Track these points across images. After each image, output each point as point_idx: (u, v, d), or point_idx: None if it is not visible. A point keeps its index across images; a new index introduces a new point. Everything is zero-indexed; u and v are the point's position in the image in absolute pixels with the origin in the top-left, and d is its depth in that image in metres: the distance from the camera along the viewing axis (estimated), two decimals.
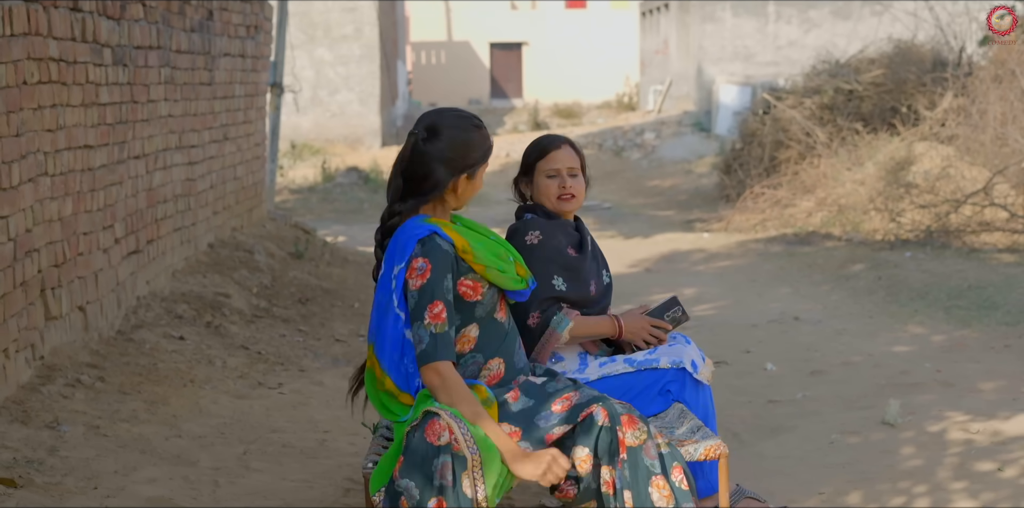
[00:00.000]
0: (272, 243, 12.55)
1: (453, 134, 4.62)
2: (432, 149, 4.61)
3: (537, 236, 5.45)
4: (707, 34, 33.01)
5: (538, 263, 5.34)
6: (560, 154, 5.58)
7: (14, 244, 6.69)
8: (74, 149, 7.68)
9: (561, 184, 5.55)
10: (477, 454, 4.29)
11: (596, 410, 4.46)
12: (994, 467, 6.32)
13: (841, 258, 13.66)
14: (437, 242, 4.53)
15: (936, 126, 16.72)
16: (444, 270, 4.51)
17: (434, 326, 4.47)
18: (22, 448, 6.09)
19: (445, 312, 4.49)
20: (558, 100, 51.55)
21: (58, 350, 7.40)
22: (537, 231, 5.46)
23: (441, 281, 4.50)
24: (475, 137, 4.67)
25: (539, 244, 5.43)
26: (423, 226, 4.57)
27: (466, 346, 4.65)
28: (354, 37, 33.11)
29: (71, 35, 7.60)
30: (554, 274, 5.41)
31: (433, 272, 4.50)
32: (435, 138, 4.62)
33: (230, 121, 11.90)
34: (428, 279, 4.49)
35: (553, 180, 5.57)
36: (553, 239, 5.47)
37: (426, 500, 4.23)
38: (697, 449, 4.82)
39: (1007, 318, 10.09)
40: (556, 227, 5.53)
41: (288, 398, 7.90)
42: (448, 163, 4.60)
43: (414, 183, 4.65)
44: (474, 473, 4.28)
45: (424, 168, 4.62)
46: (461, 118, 4.70)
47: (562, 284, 5.42)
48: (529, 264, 5.17)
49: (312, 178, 25.24)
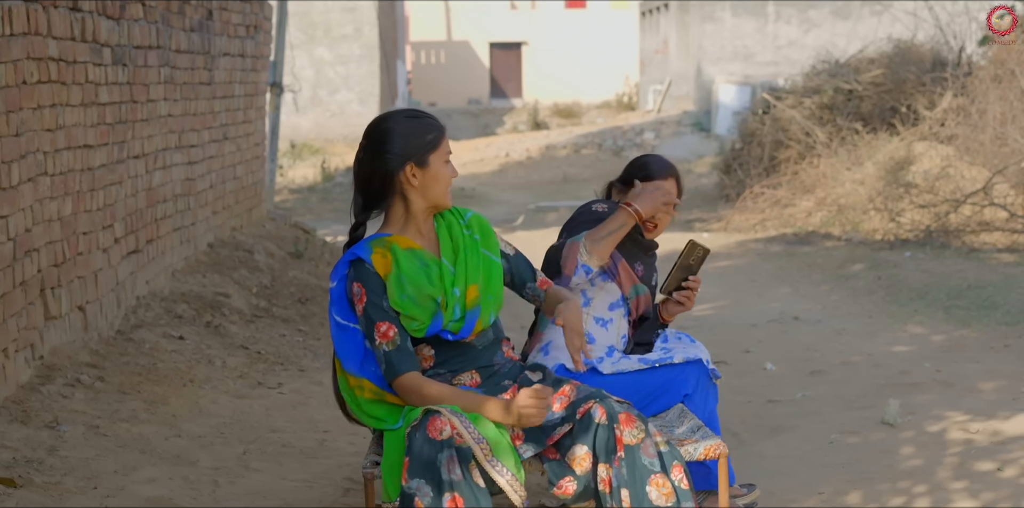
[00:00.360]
0: (272, 243, 12.55)
1: (383, 130, 4.63)
2: (371, 150, 4.64)
3: (604, 207, 5.59)
4: (707, 34, 33.02)
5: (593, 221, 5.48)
6: (664, 185, 5.66)
7: (14, 244, 6.68)
8: (74, 149, 7.68)
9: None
10: (484, 442, 4.30)
11: (594, 407, 4.46)
12: (994, 467, 6.32)
13: (841, 258, 13.67)
14: (364, 266, 4.57)
15: (936, 126, 16.72)
16: (379, 291, 4.55)
17: (385, 345, 4.53)
18: (22, 448, 6.09)
19: (392, 329, 4.53)
20: (558, 100, 51.60)
21: (58, 350, 7.40)
22: (606, 206, 5.61)
23: (379, 302, 4.54)
24: (411, 125, 4.64)
25: (603, 212, 5.56)
26: (358, 249, 4.62)
27: (425, 363, 4.68)
28: (354, 37, 33.13)
29: (71, 35, 7.60)
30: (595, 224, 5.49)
31: (368, 295, 4.55)
32: (371, 140, 4.64)
33: (230, 121, 11.89)
34: (366, 303, 4.55)
35: None
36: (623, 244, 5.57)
37: (439, 498, 4.22)
38: (697, 449, 4.82)
39: (1007, 318, 10.09)
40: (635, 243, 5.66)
41: (288, 398, 7.90)
42: (389, 159, 4.60)
43: (367, 190, 4.67)
44: (491, 460, 4.30)
45: (368, 171, 4.64)
46: (394, 113, 4.71)
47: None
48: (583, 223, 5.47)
49: (312, 178, 25.26)
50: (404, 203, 4.67)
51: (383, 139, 4.61)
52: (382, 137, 4.61)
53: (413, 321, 4.57)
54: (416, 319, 4.57)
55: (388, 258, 4.57)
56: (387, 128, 4.62)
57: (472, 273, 4.71)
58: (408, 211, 4.68)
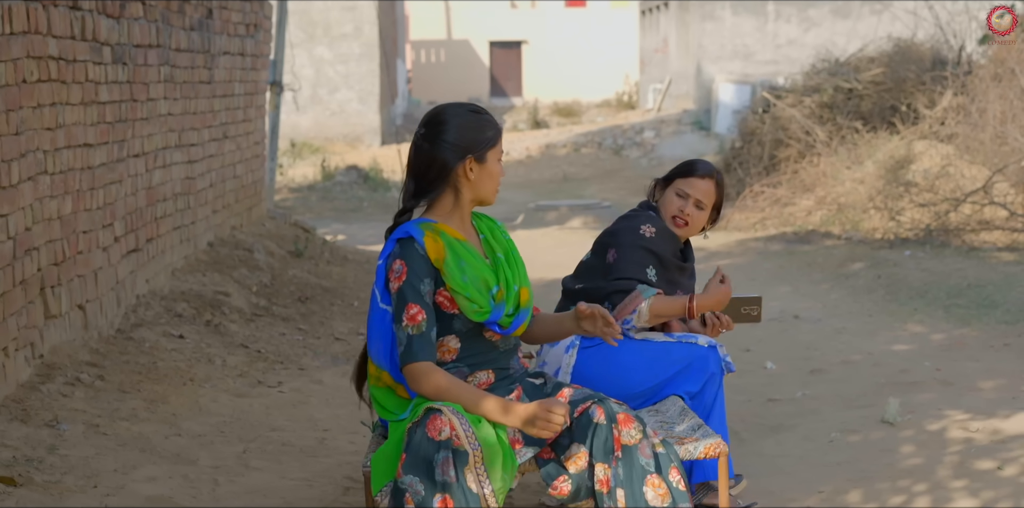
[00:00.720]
0: (272, 242, 12.55)
1: (448, 120, 4.61)
2: (432, 139, 4.60)
3: (652, 231, 5.71)
4: (707, 33, 33.02)
5: (642, 251, 5.63)
6: (700, 183, 5.83)
7: (14, 243, 6.69)
8: (73, 148, 7.68)
9: (682, 208, 5.81)
10: (479, 450, 4.29)
11: (592, 407, 4.47)
12: (994, 465, 6.32)
13: (840, 257, 13.66)
14: (414, 246, 4.54)
15: (936, 125, 16.72)
16: (420, 274, 4.51)
17: (411, 328, 4.49)
18: (22, 447, 6.09)
19: (421, 314, 4.49)
20: (558, 99, 51.60)
21: (58, 349, 7.40)
22: (655, 228, 5.73)
23: (417, 284, 4.50)
24: (473, 120, 4.64)
25: (650, 238, 5.69)
26: (409, 227, 4.59)
27: (447, 356, 4.65)
28: (354, 35, 33.13)
29: (70, 34, 7.60)
30: (651, 265, 5.65)
31: (408, 275, 4.51)
32: (433, 129, 4.62)
33: (230, 119, 11.89)
34: (403, 281, 4.51)
35: (679, 200, 5.83)
36: (663, 242, 5.73)
37: (431, 497, 4.23)
38: (697, 447, 4.83)
39: (1006, 317, 10.09)
40: (670, 237, 5.79)
41: (288, 397, 7.90)
42: (450, 149, 4.58)
43: (422, 178, 4.64)
44: (477, 469, 4.29)
45: (428, 159, 4.61)
46: (457, 106, 4.70)
47: (654, 276, 5.63)
48: (632, 249, 5.58)
49: (312, 176, 25.26)
50: (455, 194, 4.66)
51: (445, 130, 4.60)
52: (443, 128, 4.61)
53: (473, 303, 4.56)
54: (476, 302, 4.56)
55: (440, 243, 4.55)
56: (448, 120, 4.62)
57: (523, 277, 4.76)
58: (457, 203, 4.68)
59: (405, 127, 37.41)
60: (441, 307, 4.58)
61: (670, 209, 5.81)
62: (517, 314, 4.70)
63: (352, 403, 7.84)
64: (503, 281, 4.67)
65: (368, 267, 13.10)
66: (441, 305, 4.58)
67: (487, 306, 4.58)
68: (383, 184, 24.12)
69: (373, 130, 33.42)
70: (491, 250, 4.75)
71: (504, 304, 4.64)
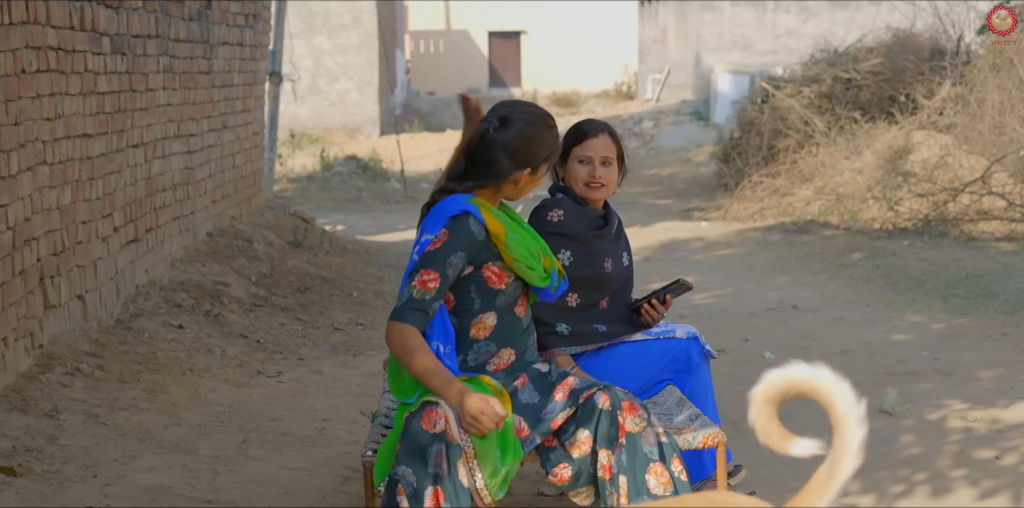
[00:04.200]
0: (271, 232, 12.55)
1: (524, 128, 4.62)
2: (500, 138, 4.61)
3: (559, 215, 5.51)
4: (705, 23, 32.97)
5: (552, 237, 5.37)
6: (595, 142, 5.58)
7: (13, 233, 6.69)
8: (73, 138, 7.68)
9: (591, 172, 5.56)
10: (471, 445, 4.30)
11: (597, 394, 4.48)
12: (993, 455, 6.33)
13: (839, 247, 13.66)
14: (468, 221, 4.54)
15: (934, 115, 16.70)
16: (458, 247, 4.50)
17: (416, 291, 4.46)
18: (21, 436, 6.10)
19: (435, 282, 4.46)
20: (557, 89, 51.50)
21: (57, 339, 7.41)
22: (562, 211, 5.52)
23: (448, 254, 4.49)
24: (545, 135, 4.67)
25: (559, 222, 5.49)
26: (461, 203, 4.58)
27: (481, 333, 4.64)
28: (352, 26, 33.08)
29: (69, 24, 7.60)
30: (563, 247, 5.45)
31: (446, 244, 4.50)
32: (506, 128, 4.62)
33: (229, 110, 11.89)
34: (438, 248, 4.49)
35: (584, 167, 5.58)
36: (574, 220, 5.52)
37: (423, 488, 4.26)
38: (696, 437, 4.84)
39: (1005, 306, 10.10)
40: (581, 213, 5.57)
41: (287, 387, 7.91)
42: (513, 155, 4.61)
43: (476, 167, 4.66)
44: (470, 462, 4.30)
45: (489, 155, 4.62)
46: (535, 115, 4.70)
47: (568, 258, 5.45)
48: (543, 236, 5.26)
49: (311, 167, 25.22)
50: (495, 190, 4.71)
51: (518, 136, 4.63)
52: (518, 134, 4.63)
53: (534, 271, 4.62)
54: (536, 269, 4.63)
55: (493, 216, 4.59)
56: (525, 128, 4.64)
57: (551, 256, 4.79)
58: (494, 197, 4.73)
59: (404, 117, 37.36)
60: (488, 282, 4.59)
61: (579, 178, 5.57)
62: (563, 280, 4.80)
63: (351, 393, 7.86)
64: (545, 251, 4.75)
65: (368, 257, 13.10)
66: (488, 280, 4.59)
67: (543, 271, 4.66)
68: (382, 174, 24.08)
69: (372, 120, 33.38)
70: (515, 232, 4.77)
71: (555, 271, 4.74)
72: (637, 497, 4.40)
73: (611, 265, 5.60)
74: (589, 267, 5.51)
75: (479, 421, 4.27)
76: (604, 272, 5.56)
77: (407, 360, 4.43)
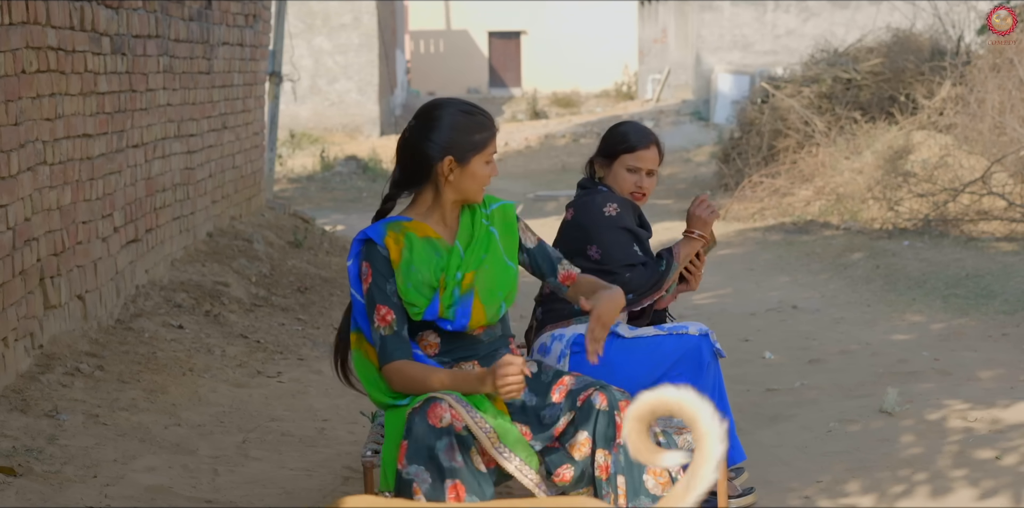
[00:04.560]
0: (271, 232, 12.55)
1: (440, 116, 4.59)
2: (417, 133, 4.60)
3: (615, 208, 5.70)
4: (705, 23, 32.97)
5: (617, 232, 5.67)
6: (647, 154, 5.84)
7: (13, 233, 6.69)
8: (73, 138, 7.68)
9: (638, 182, 5.82)
10: (492, 432, 4.31)
11: (594, 394, 4.48)
12: (993, 455, 6.33)
13: (839, 247, 13.66)
14: (376, 248, 4.56)
15: (934, 115, 16.70)
16: (385, 274, 4.54)
17: (382, 329, 4.53)
18: (21, 437, 6.10)
19: (390, 314, 4.52)
20: (557, 89, 51.50)
21: (57, 339, 7.41)
22: (615, 204, 5.72)
23: (383, 285, 4.54)
24: (463, 120, 4.60)
25: (617, 216, 5.70)
26: (371, 229, 4.62)
27: (428, 350, 4.65)
28: (353, 26, 33.09)
29: (70, 24, 7.60)
30: (633, 243, 5.70)
31: (374, 277, 4.56)
32: (423, 123, 4.61)
33: (229, 110, 11.89)
34: (370, 283, 4.56)
35: (632, 175, 5.82)
36: (628, 215, 5.73)
37: (440, 485, 4.22)
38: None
39: (1005, 306, 10.10)
40: (629, 208, 5.78)
41: (287, 387, 7.91)
42: (431, 147, 4.57)
43: (404, 169, 4.66)
44: (498, 448, 4.31)
45: (410, 152, 4.62)
46: (451, 104, 4.66)
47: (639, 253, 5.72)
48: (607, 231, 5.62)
49: (311, 167, 25.24)
50: (435, 191, 4.65)
51: (432, 126, 4.59)
52: (431, 124, 4.60)
53: (413, 307, 4.56)
54: (415, 305, 4.56)
55: (401, 244, 4.56)
56: (439, 116, 4.60)
57: (473, 261, 4.66)
58: (437, 200, 4.66)
59: (404, 118, 37.37)
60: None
61: (626, 186, 5.80)
62: (457, 303, 4.60)
63: (351, 393, 7.85)
64: (444, 269, 4.61)
65: None
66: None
67: (424, 306, 4.57)
68: (382, 174, 24.08)
69: (372, 120, 33.40)
70: (467, 239, 4.71)
71: (438, 296, 4.58)
72: (635, 497, 4.40)
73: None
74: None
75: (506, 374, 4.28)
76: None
77: (422, 390, 4.45)
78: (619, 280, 5.48)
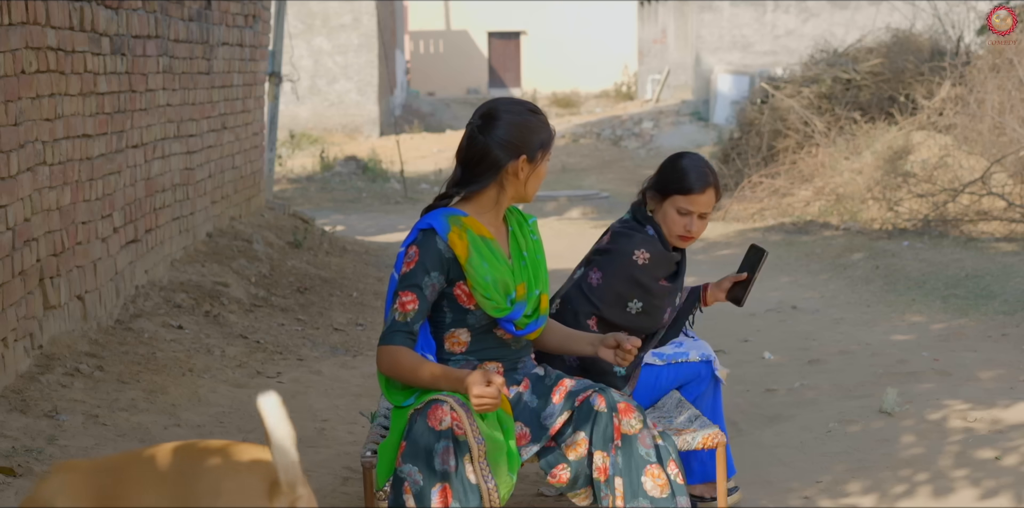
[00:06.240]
0: (271, 232, 12.55)
1: (508, 118, 4.58)
2: (488, 133, 4.58)
3: (646, 257, 5.43)
4: (705, 23, 32.99)
5: (629, 282, 5.39)
6: (701, 199, 5.49)
7: (13, 233, 6.69)
8: (72, 138, 7.68)
9: (688, 226, 5.50)
10: (483, 444, 4.30)
11: (593, 396, 4.48)
12: (994, 455, 6.32)
13: (839, 247, 13.67)
14: (435, 238, 4.53)
15: (934, 115, 16.70)
16: (430, 266, 4.52)
17: (398, 313, 4.51)
18: (21, 437, 6.10)
19: (413, 304, 4.50)
20: (556, 89, 51.53)
21: (57, 339, 7.40)
22: (649, 254, 5.44)
23: (422, 274, 4.51)
24: (531, 120, 4.62)
25: (642, 266, 5.43)
26: (433, 218, 4.57)
27: (456, 347, 4.66)
28: (352, 26, 33.10)
29: (69, 24, 7.59)
30: (636, 298, 5.43)
31: (418, 263, 4.52)
32: (490, 123, 4.59)
33: (228, 110, 11.89)
34: (411, 269, 4.52)
35: (683, 218, 5.50)
36: (656, 268, 5.46)
37: (430, 486, 4.24)
38: (695, 438, 4.83)
39: (1004, 307, 10.10)
40: (664, 259, 5.50)
41: (286, 387, 7.90)
42: (505, 146, 4.56)
43: (472, 169, 4.62)
44: (480, 463, 4.29)
45: (480, 151, 4.59)
46: (515, 103, 4.67)
47: (638, 309, 5.44)
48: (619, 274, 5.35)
49: (310, 167, 25.25)
50: (498, 190, 4.65)
51: (501, 126, 4.58)
52: (500, 123, 4.58)
53: (491, 301, 4.56)
54: (494, 300, 4.56)
55: (465, 241, 4.55)
56: (506, 117, 4.59)
57: (545, 282, 4.75)
58: (498, 199, 4.67)
59: (404, 118, 37.39)
60: (458, 300, 4.59)
61: (674, 229, 5.50)
62: (536, 318, 4.69)
63: (351, 394, 7.86)
64: (525, 281, 4.66)
65: (367, 258, 13.10)
66: (458, 298, 4.59)
67: (504, 304, 4.58)
68: (382, 175, 24.11)
69: (372, 121, 33.41)
70: (517, 248, 4.73)
71: (524, 304, 4.64)
72: (633, 499, 4.40)
73: (668, 314, 5.62)
74: (651, 319, 5.52)
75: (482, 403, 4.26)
76: (660, 322, 5.58)
77: (408, 378, 4.46)
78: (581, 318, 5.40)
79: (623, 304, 5.43)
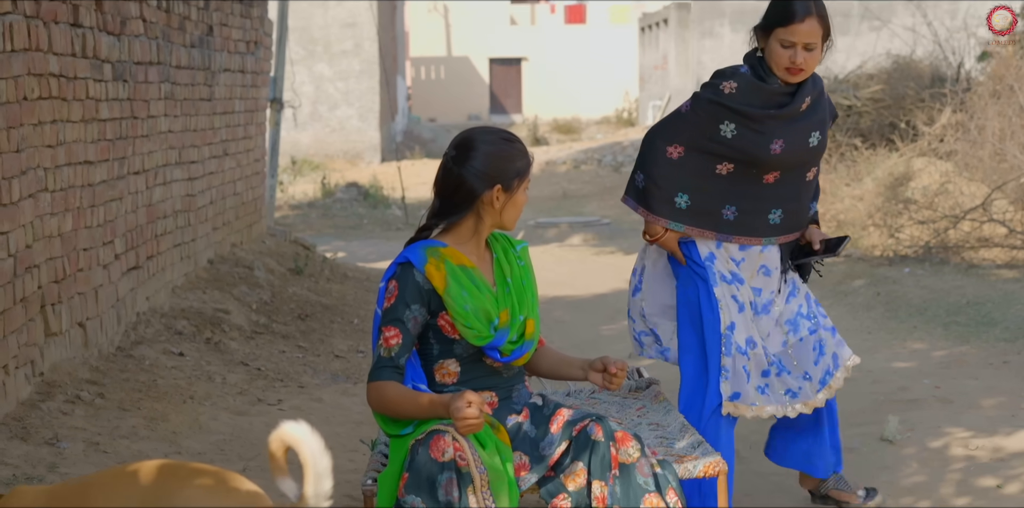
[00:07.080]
0: (272, 259, 12.55)
1: (483, 148, 4.57)
2: (462, 165, 4.57)
3: (732, 87, 5.55)
4: (706, 49, 33.06)
5: (714, 105, 5.54)
6: (801, 28, 5.45)
7: (14, 260, 6.69)
8: (74, 165, 7.69)
9: (792, 58, 5.47)
10: (485, 473, 4.29)
11: (590, 425, 4.48)
12: (995, 483, 6.32)
13: (840, 274, 13.66)
14: (412, 271, 4.54)
15: (935, 142, 16.72)
16: (410, 299, 4.52)
17: (382, 349, 4.53)
18: (21, 465, 6.09)
19: (396, 338, 4.51)
20: (557, 115, 51.65)
21: (58, 366, 7.40)
22: (736, 84, 5.55)
23: (403, 308, 4.51)
24: (506, 149, 4.61)
25: (728, 95, 5.53)
26: (411, 251, 4.58)
27: (447, 378, 4.66)
28: (354, 52, 33.16)
29: (71, 51, 7.61)
30: (726, 119, 5.53)
31: (398, 298, 4.52)
32: (464, 154, 4.58)
33: (230, 137, 11.91)
34: (392, 304, 4.53)
35: (787, 51, 5.47)
36: (745, 96, 5.53)
37: None
38: (696, 466, 4.82)
39: (1006, 334, 10.09)
40: (758, 90, 5.55)
41: (288, 414, 7.89)
42: (479, 177, 4.55)
43: (448, 200, 4.62)
44: (483, 493, 4.29)
45: (455, 183, 4.58)
46: (490, 133, 4.66)
47: (732, 130, 5.52)
48: (703, 98, 5.54)
49: (312, 194, 25.26)
50: (476, 220, 4.64)
51: (475, 156, 4.56)
52: (474, 154, 4.57)
53: (472, 330, 4.55)
54: (475, 328, 4.55)
55: (443, 272, 4.54)
56: (480, 146, 4.58)
57: (532, 307, 4.73)
58: (477, 228, 4.66)
59: (405, 144, 37.42)
60: (443, 331, 4.59)
61: (780, 62, 5.48)
62: (521, 344, 4.68)
63: (352, 421, 7.84)
64: (509, 307, 4.65)
65: (368, 284, 13.09)
66: (443, 329, 4.58)
67: (487, 332, 4.57)
68: (383, 201, 24.12)
69: (373, 147, 33.44)
70: (501, 274, 4.73)
71: (507, 331, 4.63)
72: None
73: (781, 146, 5.55)
74: (754, 144, 5.52)
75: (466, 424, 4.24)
76: (769, 153, 5.54)
77: (397, 411, 4.48)
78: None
79: (715, 127, 5.53)
